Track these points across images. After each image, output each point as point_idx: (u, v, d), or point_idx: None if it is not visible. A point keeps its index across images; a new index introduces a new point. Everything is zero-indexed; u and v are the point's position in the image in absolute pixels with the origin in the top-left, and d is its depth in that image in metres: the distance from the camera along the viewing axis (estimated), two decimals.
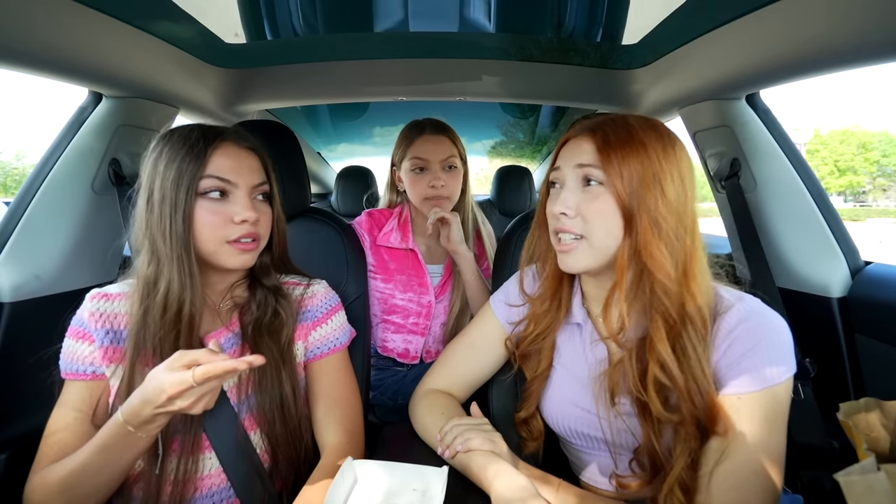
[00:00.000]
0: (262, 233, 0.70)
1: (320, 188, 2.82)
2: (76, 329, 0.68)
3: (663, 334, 0.57)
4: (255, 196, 0.69)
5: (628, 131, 0.58)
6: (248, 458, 0.68)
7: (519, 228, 0.97)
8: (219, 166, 0.65)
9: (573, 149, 0.62)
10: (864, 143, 32.42)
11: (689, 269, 0.57)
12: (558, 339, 0.72)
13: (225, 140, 0.67)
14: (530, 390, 0.73)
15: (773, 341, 0.55)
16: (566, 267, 0.63)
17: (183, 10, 0.77)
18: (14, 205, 0.93)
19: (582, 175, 0.60)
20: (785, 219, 1.07)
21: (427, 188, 1.12)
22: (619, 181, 0.56)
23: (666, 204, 0.56)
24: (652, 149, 0.57)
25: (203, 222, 0.64)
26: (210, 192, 0.65)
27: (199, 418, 0.65)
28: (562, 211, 0.60)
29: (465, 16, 0.89)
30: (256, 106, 1.44)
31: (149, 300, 0.64)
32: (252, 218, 0.66)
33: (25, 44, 0.72)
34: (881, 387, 0.91)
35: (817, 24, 0.70)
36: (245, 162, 0.68)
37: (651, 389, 0.57)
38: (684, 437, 0.56)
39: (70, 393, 0.66)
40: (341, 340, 0.79)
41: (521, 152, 2.67)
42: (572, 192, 0.61)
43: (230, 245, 0.66)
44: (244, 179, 0.67)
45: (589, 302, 0.70)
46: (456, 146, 1.17)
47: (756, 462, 0.53)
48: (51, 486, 0.58)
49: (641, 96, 1.25)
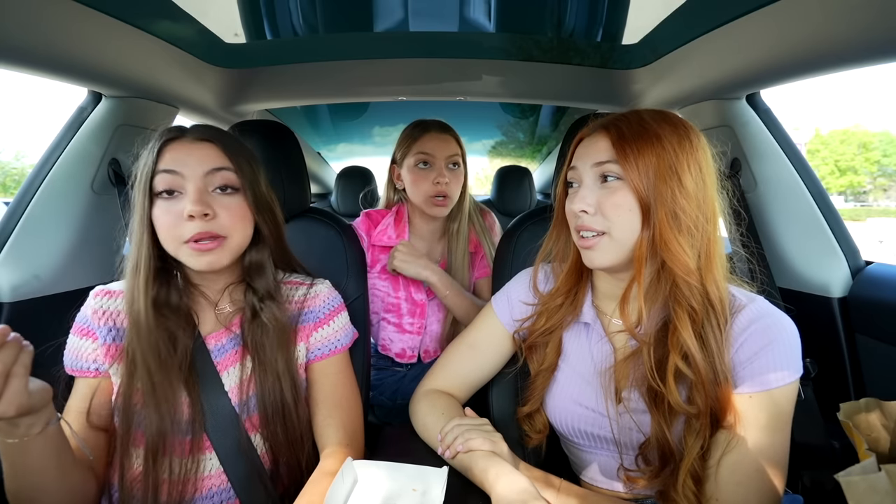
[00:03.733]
0: (224, 229, 0.65)
1: (320, 188, 2.82)
2: (80, 326, 0.68)
3: (687, 323, 0.57)
4: (211, 190, 0.65)
5: (642, 125, 0.59)
6: (249, 460, 0.68)
7: (519, 228, 0.97)
8: (167, 160, 0.64)
9: (588, 147, 0.62)
10: (864, 142, 32.41)
11: (711, 257, 0.58)
12: (565, 339, 0.72)
13: (177, 137, 0.66)
14: (534, 385, 0.73)
15: (784, 343, 0.56)
16: (591, 263, 0.63)
17: (183, 10, 0.77)
18: (14, 205, 0.93)
19: (599, 172, 0.61)
20: (785, 219, 1.07)
21: (431, 185, 1.12)
22: (635, 175, 0.57)
23: (685, 195, 0.56)
24: (667, 140, 0.57)
25: (160, 224, 0.63)
26: (163, 191, 0.63)
27: (200, 419, 0.65)
28: (582, 209, 0.61)
29: (465, 16, 0.89)
30: (256, 106, 1.44)
31: (129, 312, 0.65)
32: (198, 212, 0.61)
33: (25, 44, 0.72)
34: (881, 387, 0.91)
35: (817, 24, 0.70)
36: (195, 153, 0.65)
37: (670, 380, 0.57)
38: (697, 429, 0.57)
39: (75, 390, 0.67)
40: (343, 342, 0.78)
41: (521, 152, 2.67)
42: (591, 190, 0.61)
43: (187, 246, 0.63)
44: (192, 168, 0.63)
45: (599, 300, 0.71)
46: (459, 146, 1.18)
47: (761, 461, 0.54)
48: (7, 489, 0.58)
49: (641, 96, 1.25)
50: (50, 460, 0.56)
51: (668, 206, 0.56)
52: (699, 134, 0.60)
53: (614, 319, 0.68)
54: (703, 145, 0.60)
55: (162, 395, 0.63)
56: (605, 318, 0.69)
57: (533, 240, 0.94)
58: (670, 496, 0.58)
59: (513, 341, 0.78)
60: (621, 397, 0.63)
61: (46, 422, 0.54)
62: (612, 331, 0.68)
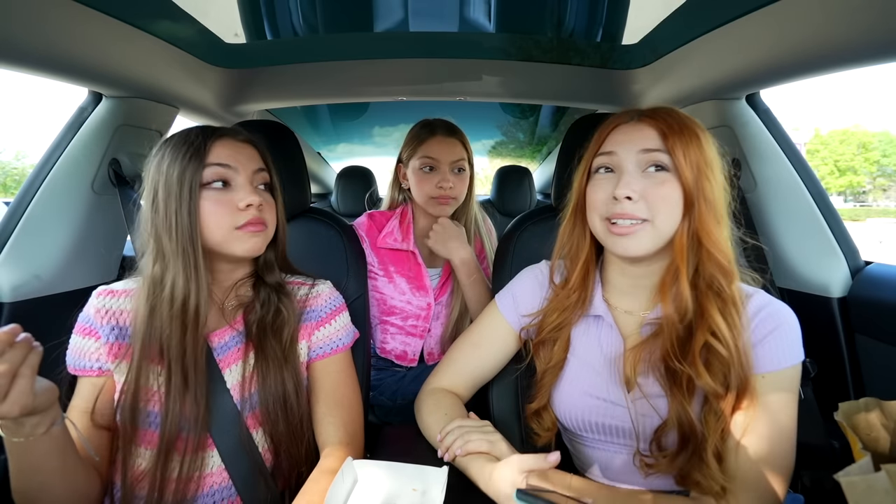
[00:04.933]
0: (268, 220, 0.71)
1: (320, 188, 2.82)
2: (83, 325, 0.69)
3: (716, 308, 0.60)
4: (256, 184, 0.71)
5: (682, 121, 0.62)
6: (251, 457, 0.68)
7: (519, 228, 0.97)
8: (218, 154, 0.67)
9: (631, 134, 0.63)
10: (864, 143, 32.42)
11: (730, 252, 0.62)
12: (573, 334, 0.73)
13: (223, 135, 0.70)
14: (542, 382, 0.73)
15: (790, 327, 0.61)
16: (626, 251, 0.62)
17: (183, 10, 0.77)
18: (14, 205, 0.93)
19: (648, 160, 0.61)
20: (785, 219, 1.07)
21: (435, 188, 1.11)
22: (684, 167, 0.59)
23: (717, 189, 0.61)
24: (703, 138, 0.61)
25: (209, 212, 0.66)
26: (213, 182, 0.67)
27: (204, 416, 0.65)
28: (627, 195, 0.60)
29: (465, 16, 0.89)
30: (256, 106, 1.44)
31: (155, 298, 0.65)
32: (256, 202, 0.68)
33: (26, 44, 0.72)
34: (881, 387, 0.91)
35: (817, 24, 0.70)
36: (243, 151, 0.70)
37: (698, 361, 0.59)
38: (719, 411, 0.59)
39: (77, 389, 0.68)
40: (344, 341, 0.79)
41: (521, 152, 2.67)
42: (634, 177, 0.61)
43: (239, 230, 0.67)
44: (243, 165, 0.69)
45: (610, 293, 0.71)
46: (466, 149, 1.17)
47: (776, 439, 0.58)
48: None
49: (641, 96, 1.25)
50: (55, 460, 0.57)
51: (708, 199, 0.60)
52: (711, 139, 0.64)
53: (628, 311, 0.69)
54: (715, 148, 0.64)
55: (182, 385, 0.64)
56: (616, 310, 0.70)
57: (533, 240, 0.94)
58: (692, 478, 0.59)
59: (517, 339, 0.78)
60: (636, 383, 0.64)
61: (52, 422, 0.54)
62: (622, 321, 0.69)
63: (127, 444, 0.64)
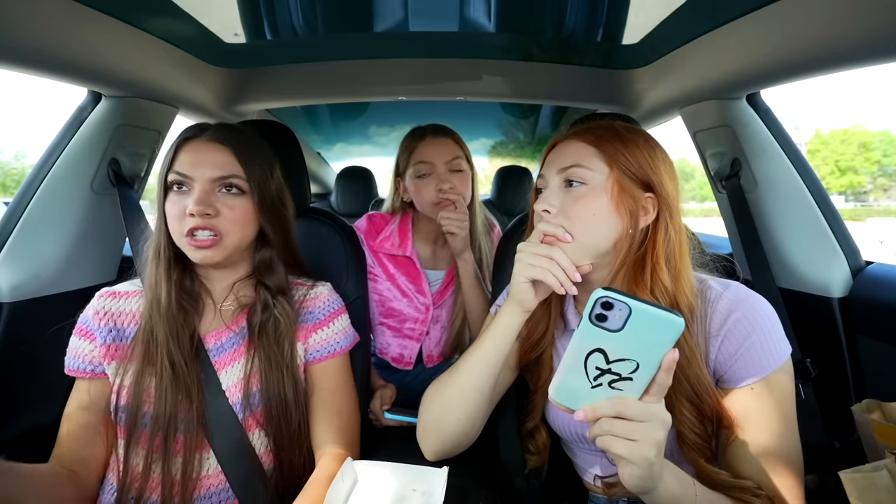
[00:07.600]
0: (224, 228, 0.67)
1: (320, 188, 2.81)
2: (80, 327, 0.70)
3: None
4: (217, 189, 0.68)
5: (616, 132, 0.62)
6: (248, 459, 0.68)
7: (519, 228, 0.97)
8: (180, 162, 0.68)
9: (557, 153, 0.66)
10: (864, 142, 32.39)
11: (680, 267, 0.60)
12: (556, 349, 0.72)
13: (194, 137, 0.70)
14: (534, 403, 0.73)
15: (765, 327, 0.57)
16: None
17: (183, 10, 0.77)
18: (13, 205, 0.92)
19: (564, 178, 0.63)
20: (786, 219, 1.07)
21: (434, 192, 1.07)
22: (614, 179, 0.59)
23: (671, 199, 0.60)
24: (644, 145, 0.62)
25: (169, 215, 0.67)
26: (174, 185, 0.68)
27: (201, 418, 0.65)
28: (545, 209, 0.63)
29: (465, 15, 0.89)
30: (256, 106, 1.44)
31: (150, 299, 0.67)
32: (199, 210, 0.64)
33: (25, 44, 0.72)
34: (882, 387, 0.91)
35: (817, 24, 0.70)
36: (206, 156, 0.68)
37: None
38: (710, 416, 0.58)
39: (75, 388, 0.69)
40: (342, 345, 0.78)
41: (521, 152, 2.67)
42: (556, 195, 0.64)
43: (186, 239, 0.66)
44: (200, 172, 0.67)
45: (581, 306, 0.70)
46: (460, 148, 1.13)
47: (779, 442, 0.56)
48: None
49: (642, 96, 1.25)
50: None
51: (655, 205, 0.60)
52: (663, 148, 0.64)
53: None
54: (668, 157, 0.64)
55: (177, 384, 0.65)
56: None
57: None
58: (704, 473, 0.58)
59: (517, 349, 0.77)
60: None
61: None
62: None
63: (126, 444, 0.64)
